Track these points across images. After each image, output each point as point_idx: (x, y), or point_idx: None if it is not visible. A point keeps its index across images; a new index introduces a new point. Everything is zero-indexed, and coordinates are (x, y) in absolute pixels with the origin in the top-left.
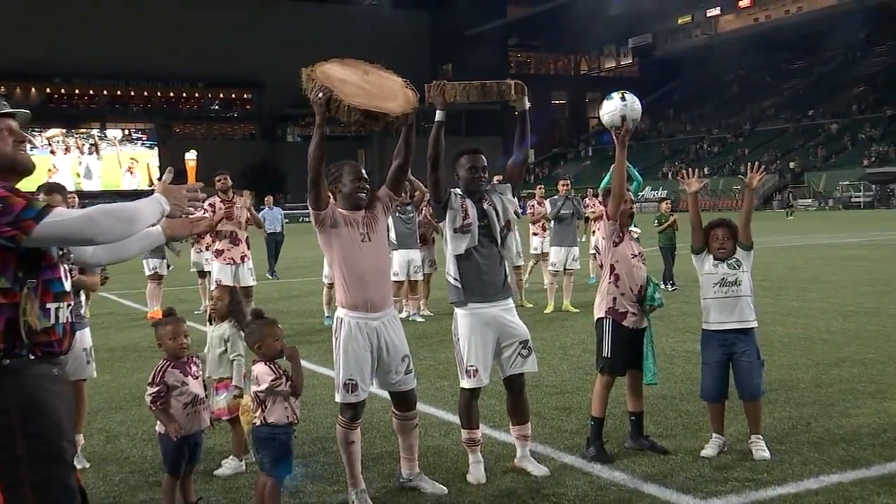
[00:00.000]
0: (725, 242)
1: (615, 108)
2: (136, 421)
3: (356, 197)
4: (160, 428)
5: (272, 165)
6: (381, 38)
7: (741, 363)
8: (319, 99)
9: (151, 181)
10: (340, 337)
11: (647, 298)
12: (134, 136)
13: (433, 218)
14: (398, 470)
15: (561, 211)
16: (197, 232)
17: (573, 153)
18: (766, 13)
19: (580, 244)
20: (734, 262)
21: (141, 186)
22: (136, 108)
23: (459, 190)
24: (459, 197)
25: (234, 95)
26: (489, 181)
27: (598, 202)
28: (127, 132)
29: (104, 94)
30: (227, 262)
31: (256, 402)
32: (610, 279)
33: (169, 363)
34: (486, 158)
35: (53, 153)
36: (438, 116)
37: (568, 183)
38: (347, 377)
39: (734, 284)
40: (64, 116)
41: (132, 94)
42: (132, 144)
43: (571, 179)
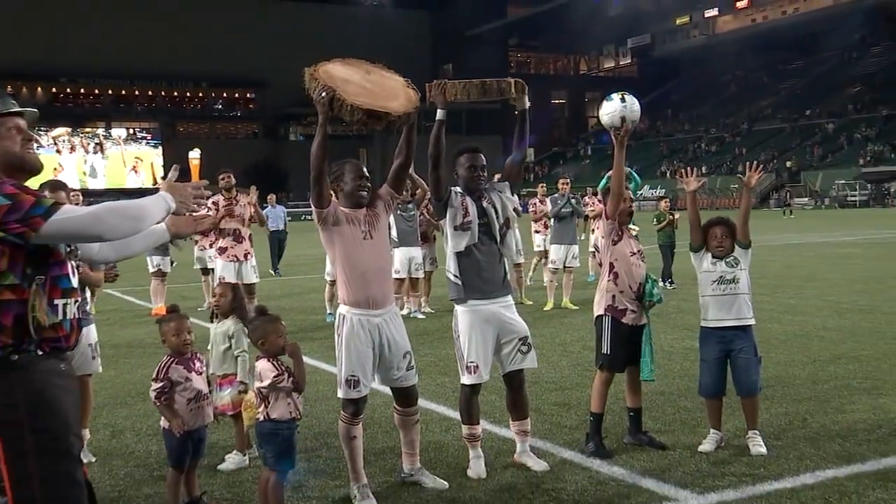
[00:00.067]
0: (724, 241)
1: (615, 109)
2: (140, 416)
3: (358, 195)
4: (164, 423)
5: (275, 164)
6: (382, 38)
7: (739, 360)
8: (322, 98)
9: (155, 180)
10: (342, 333)
11: (646, 294)
12: (138, 135)
13: (434, 216)
14: (399, 465)
15: (561, 209)
16: (201, 230)
17: (572, 152)
18: (763, 14)
19: (580, 242)
20: (732, 260)
21: (145, 185)
22: (140, 107)
23: (459, 188)
24: (460, 195)
25: (236, 95)
26: (489, 180)
27: (597, 200)
28: (131, 131)
29: (109, 93)
30: (230, 259)
31: (259, 398)
32: (609, 277)
33: (173, 359)
34: (485, 157)
35: (59, 152)
36: (439, 115)
37: (568, 182)
38: (349, 373)
39: (732, 282)
40: (69, 116)
41: (136, 93)
42: (136, 144)
43: (571, 178)
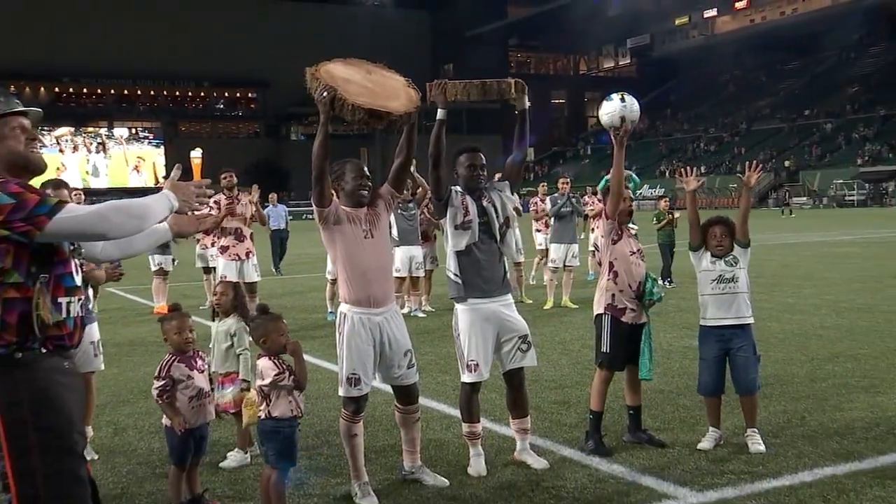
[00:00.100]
0: (723, 240)
1: (614, 109)
2: (143, 414)
3: (359, 194)
4: (166, 421)
5: (276, 163)
6: (382, 38)
7: (738, 358)
8: (324, 98)
9: (157, 179)
10: (344, 332)
11: (645, 293)
12: (140, 134)
13: (434, 215)
14: (400, 462)
15: (561, 209)
16: (203, 229)
17: (572, 152)
18: (761, 14)
19: (579, 241)
20: (731, 259)
21: (147, 184)
22: (142, 106)
23: (460, 187)
24: (460, 194)
25: (238, 94)
26: (489, 179)
27: (596, 200)
28: (134, 131)
29: (111, 93)
30: (232, 258)
31: (261, 396)
32: (609, 276)
33: (175, 357)
34: (485, 156)
35: (62, 152)
36: (440, 115)
37: (568, 181)
38: (350, 371)
39: (731, 281)
40: (72, 115)
41: (139, 93)
42: (139, 143)
43: (571, 178)
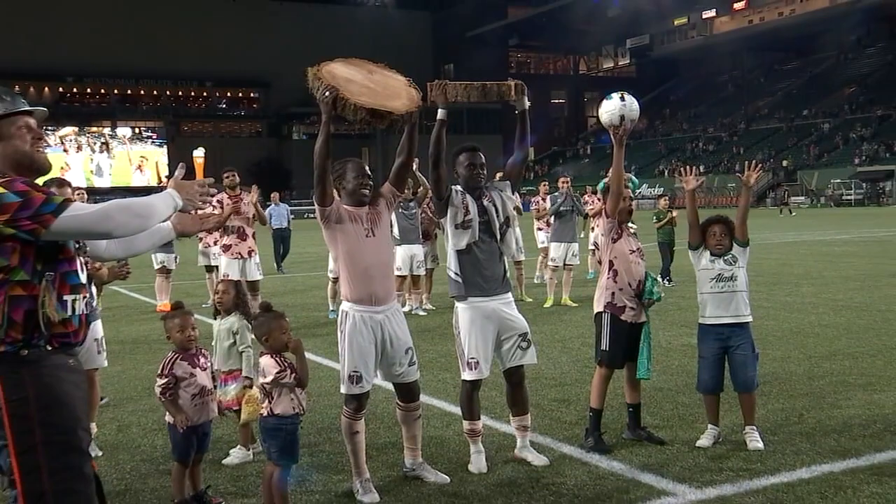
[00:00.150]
0: (723, 239)
1: (614, 107)
2: (146, 411)
3: (360, 193)
4: (169, 418)
5: (278, 163)
6: (384, 38)
7: (736, 356)
8: (326, 98)
9: (160, 178)
10: (345, 330)
11: (645, 293)
12: (144, 134)
13: (435, 214)
14: (402, 459)
15: (560, 207)
16: (206, 228)
17: (572, 151)
18: (760, 15)
19: (579, 240)
20: (730, 258)
21: (150, 183)
22: (145, 106)
23: (460, 187)
24: (460, 194)
25: (240, 94)
26: (489, 178)
27: (596, 199)
28: (137, 130)
29: (115, 93)
30: (234, 256)
31: (263, 393)
32: (609, 274)
33: (177, 355)
34: (485, 156)
35: (66, 151)
36: (440, 115)
37: (568, 180)
38: (352, 369)
39: (730, 280)
40: (76, 115)
41: (142, 93)
42: (142, 143)
43: (571, 177)
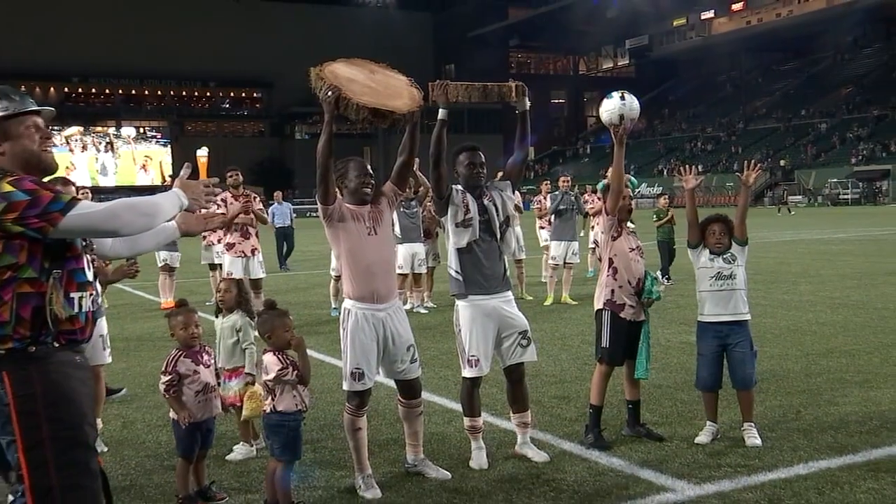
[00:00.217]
0: (722, 237)
1: (614, 107)
2: (151, 407)
3: (362, 192)
4: (173, 414)
5: (280, 162)
6: (386, 38)
7: (735, 354)
8: (328, 97)
9: (164, 178)
10: (348, 327)
11: (644, 291)
12: (148, 133)
13: (436, 213)
14: (403, 456)
15: (560, 206)
16: (210, 228)
17: (572, 151)
18: (758, 16)
19: (579, 239)
20: (729, 256)
21: (155, 182)
22: (150, 106)
23: (460, 186)
24: (461, 193)
25: (243, 94)
26: (490, 178)
27: (596, 198)
28: (141, 130)
29: (119, 93)
30: (237, 254)
31: (266, 390)
32: (609, 272)
33: (181, 352)
34: (486, 156)
35: (72, 151)
36: (441, 115)
37: (568, 179)
38: (354, 366)
39: (729, 278)
40: (81, 115)
41: (146, 92)
42: (147, 142)
43: (571, 176)
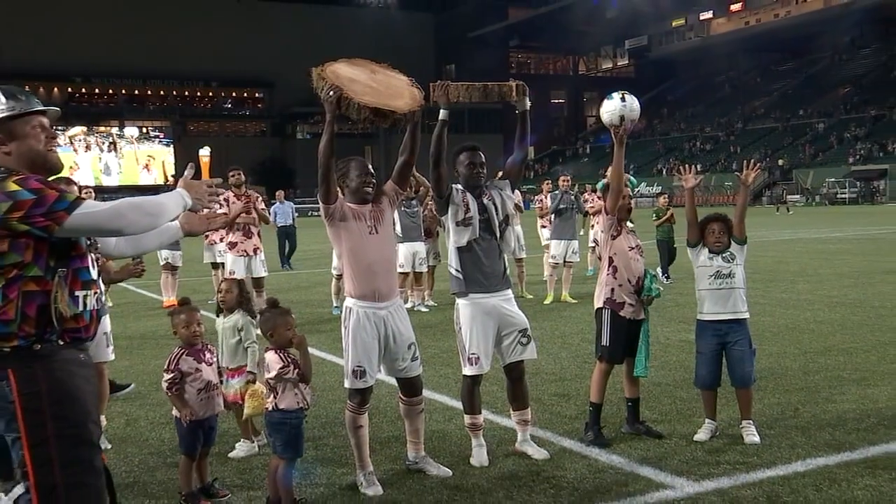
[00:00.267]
0: (721, 236)
1: (615, 108)
2: (154, 405)
3: (363, 191)
4: (176, 412)
5: (282, 161)
6: (387, 39)
7: (734, 352)
8: (330, 97)
9: (167, 177)
10: (349, 325)
11: (644, 289)
12: (151, 133)
13: (436, 212)
14: (405, 453)
15: (561, 205)
16: (213, 228)
17: (571, 151)
18: (756, 17)
19: (579, 238)
20: (728, 255)
21: (157, 182)
22: (152, 106)
23: (460, 185)
24: (461, 192)
25: (245, 94)
26: (490, 177)
27: (596, 197)
28: (144, 130)
29: (122, 93)
30: (240, 253)
31: (268, 388)
32: (608, 271)
33: (183, 350)
34: (486, 155)
35: (76, 151)
36: (442, 115)
37: (568, 178)
38: (356, 364)
39: (728, 277)
40: (84, 115)
41: (149, 93)
42: (149, 142)
43: (570, 175)
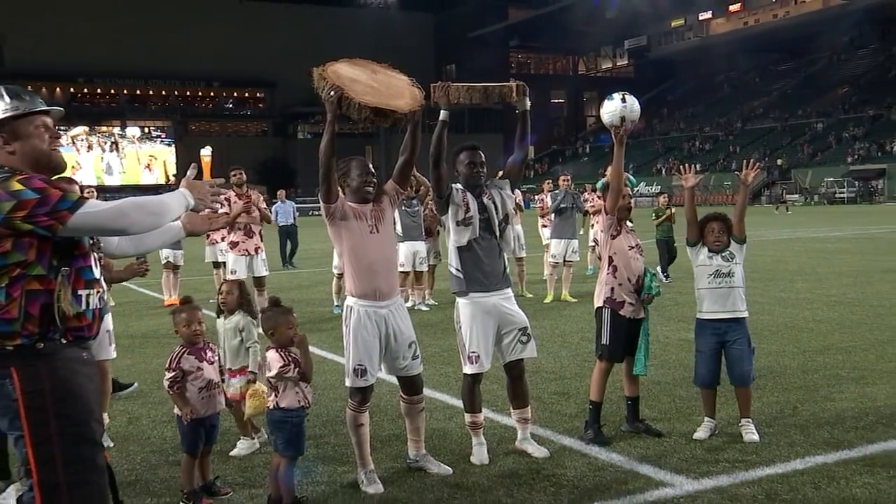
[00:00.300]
0: (721, 235)
1: (615, 108)
2: (156, 403)
3: (364, 190)
4: (178, 410)
5: (283, 161)
6: (387, 39)
7: (733, 351)
8: (331, 97)
9: (168, 177)
10: (350, 324)
11: (644, 288)
12: (153, 133)
13: (436, 212)
14: (405, 451)
15: (560, 205)
16: (215, 228)
17: (571, 150)
18: (755, 17)
19: (579, 237)
20: (728, 254)
21: (159, 181)
22: (154, 106)
23: (460, 185)
24: (461, 192)
25: (247, 94)
26: (490, 177)
27: (596, 196)
28: (146, 130)
29: (124, 93)
30: (241, 253)
31: (269, 387)
32: (608, 270)
33: (185, 349)
34: (486, 155)
35: (78, 151)
36: (442, 116)
37: (568, 178)
38: (357, 363)
39: (727, 276)
40: (87, 115)
41: (150, 93)
42: (151, 142)
43: (570, 175)
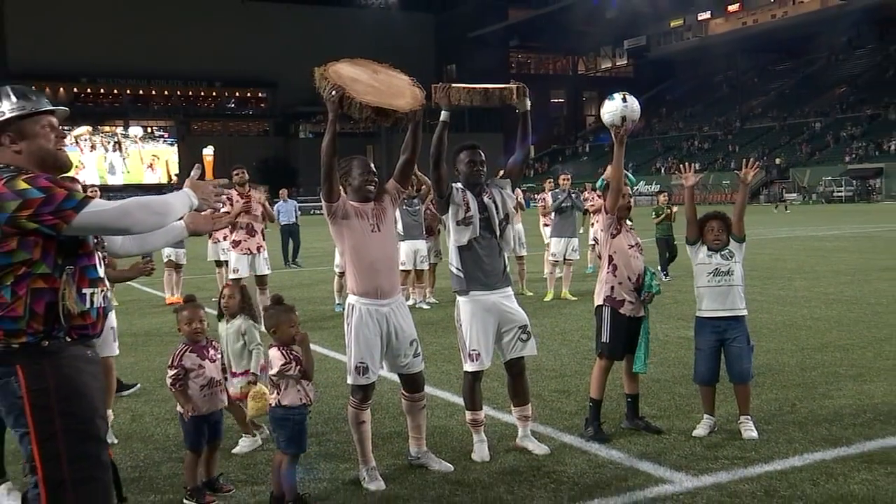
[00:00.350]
0: (720, 234)
1: (616, 108)
2: (159, 401)
3: (365, 189)
4: (181, 408)
5: (285, 160)
6: (387, 39)
7: (732, 349)
8: (332, 97)
9: (170, 177)
10: (352, 322)
11: (644, 286)
12: (155, 133)
13: (437, 211)
14: (407, 448)
15: (561, 204)
16: (218, 227)
17: (571, 150)
18: (753, 17)
19: (579, 236)
20: (727, 252)
21: (162, 181)
22: (157, 106)
23: (461, 184)
24: (461, 191)
25: (248, 94)
26: (490, 176)
27: (596, 195)
28: (149, 129)
29: (127, 93)
30: (244, 252)
31: (271, 384)
32: (608, 269)
33: (187, 347)
34: (486, 154)
35: (81, 150)
36: (443, 117)
37: (568, 177)
38: (358, 360)
39: (727, 274)
40: (90, 115)
41: (153, 93)
42: (154, 142)
43: (570, 174)
